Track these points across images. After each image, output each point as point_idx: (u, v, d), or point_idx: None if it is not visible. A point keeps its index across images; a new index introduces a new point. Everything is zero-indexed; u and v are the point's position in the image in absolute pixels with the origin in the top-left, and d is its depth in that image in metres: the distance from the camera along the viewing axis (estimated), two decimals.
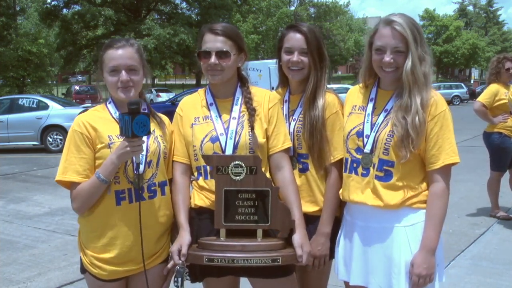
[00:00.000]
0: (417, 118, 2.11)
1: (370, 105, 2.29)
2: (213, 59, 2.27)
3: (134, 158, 2.18)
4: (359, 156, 2.27)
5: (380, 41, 2.19)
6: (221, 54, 2.27)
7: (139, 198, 2.22)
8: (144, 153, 2.24)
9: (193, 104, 2.43)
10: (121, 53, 2.24)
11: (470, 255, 4.91)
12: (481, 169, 7.83)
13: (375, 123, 2.24)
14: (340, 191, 2.39)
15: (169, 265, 2.29)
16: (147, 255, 2.26)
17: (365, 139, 2.25)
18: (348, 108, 2.41)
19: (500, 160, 6.01)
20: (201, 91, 2.48)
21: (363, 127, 2.28)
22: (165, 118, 2.48)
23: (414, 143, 2.12)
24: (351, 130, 2.32)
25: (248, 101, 2.34)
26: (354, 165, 2.29)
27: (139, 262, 2.24)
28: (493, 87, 5.92)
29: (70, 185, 2.24)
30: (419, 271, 2.13)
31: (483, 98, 5.95)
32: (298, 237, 2.22)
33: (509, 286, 4.20)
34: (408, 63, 2.13)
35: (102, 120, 2.28)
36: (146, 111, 2.31)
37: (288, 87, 2.59)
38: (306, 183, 2.46)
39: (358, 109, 2.35)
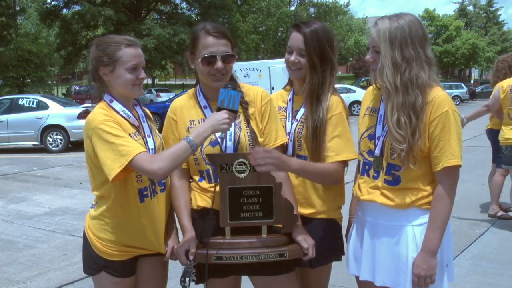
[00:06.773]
0: (393, 122, 2.11)
1: (383, 106, 2.27)
2: (219, 63, 2.23)
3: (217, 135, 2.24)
4: (371, 159, 2.27)
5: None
6: (226, 58, 2.24)
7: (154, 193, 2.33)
8: (152, 147, 2.30)
9: (186, 107, 2.39)
10: (139, 52, 2.28)
11: (470, 255, 4.91)
12: (481, 169, 7.84)
13: (385, 125, 2.21)
14: (353, 187, 2.41)
15: (165, 259, 2.37)
16: (160, 244, 2.36)
17: (376, 141, 2.24)
18: (363, 109, 2.41)
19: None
20: (191, 92, 2.44)
21: (375, 129, 2.26)
22: (148, 112, 2.49)
23: (406, 148, 2.09)
24: (364, 133, 2.32)
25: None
26: (366, 167, 2.29)
27: (150, 244, 2.35)
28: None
29: (131, 163, 2.07)
30: (418, 271, 2.14)
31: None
32: (299, 232, 2.24)
33: (509, 286, 4.19)
34: (379, 64, 2.15)
35: (117, 120, 2.23)
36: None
37: (293, 87, 2.58)
38: (303, 185, 2.44)
39: (371, 111, 2.33)
